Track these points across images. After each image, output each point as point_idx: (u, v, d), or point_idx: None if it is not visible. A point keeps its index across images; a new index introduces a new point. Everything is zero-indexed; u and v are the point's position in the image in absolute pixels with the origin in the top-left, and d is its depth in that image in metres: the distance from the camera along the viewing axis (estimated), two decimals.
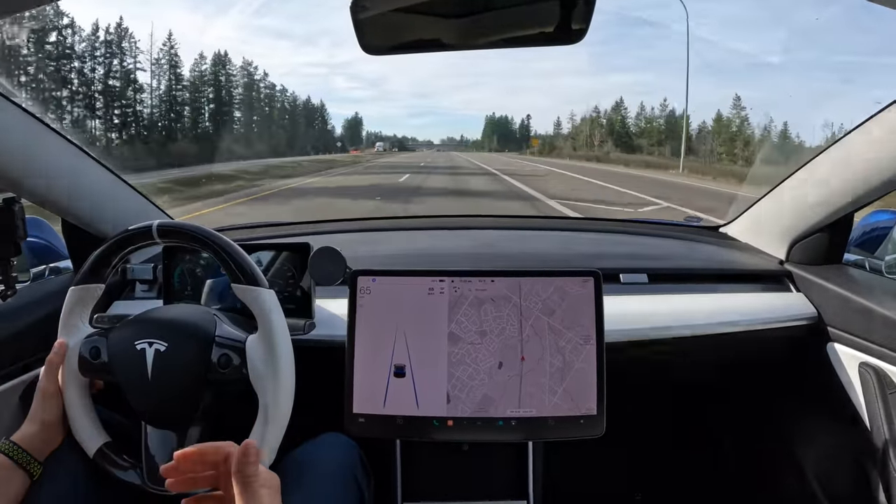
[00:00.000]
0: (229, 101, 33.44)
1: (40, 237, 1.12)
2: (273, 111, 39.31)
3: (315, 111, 47.86)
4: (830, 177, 0.92)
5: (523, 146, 56.54)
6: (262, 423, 0.64)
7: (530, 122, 65.40)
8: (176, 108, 30.02)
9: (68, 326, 0.69)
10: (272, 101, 39.13)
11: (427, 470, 0.93)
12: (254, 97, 36.57)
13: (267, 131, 37.38)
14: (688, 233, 1.29)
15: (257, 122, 36.81)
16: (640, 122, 37.05)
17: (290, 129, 41.42)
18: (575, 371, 0.77)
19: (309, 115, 45.96)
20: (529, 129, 63.10)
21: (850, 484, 0.92)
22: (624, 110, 38.57)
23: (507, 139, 64.57)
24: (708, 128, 29.14)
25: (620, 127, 37.63)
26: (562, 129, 47.79)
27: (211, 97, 32.27)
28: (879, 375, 0.84)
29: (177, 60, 29.82)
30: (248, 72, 36.08)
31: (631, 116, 38.03)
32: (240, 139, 33.26)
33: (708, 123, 29.05)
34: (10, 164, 0.77)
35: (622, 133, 37.39)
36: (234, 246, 0.68)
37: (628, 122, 37.86)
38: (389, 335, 0.78)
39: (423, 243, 1.30)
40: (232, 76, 34.15)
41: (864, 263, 1.02)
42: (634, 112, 37.73)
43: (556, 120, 54.56)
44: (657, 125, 35.35)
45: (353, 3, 0.62)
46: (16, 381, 0.82)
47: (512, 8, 0.65)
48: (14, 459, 0.62)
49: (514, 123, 66.93)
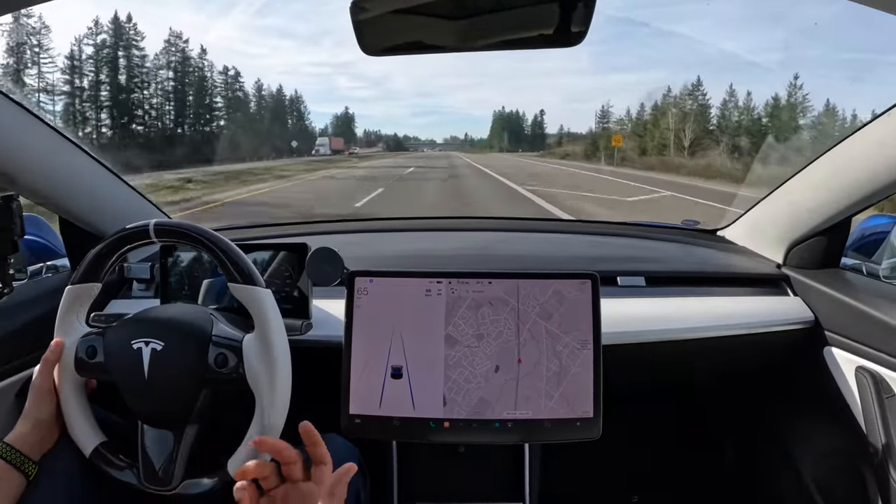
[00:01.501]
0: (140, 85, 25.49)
1: (38, 235, 1.12)
2: (221, 99, 31.52)
3: (286, 106, 40.93)
4: (828, 181, 0.93)
5: (537, 145, 50.86)
6: (258, 422, 0.64)
7: (544, 118, 59.42)
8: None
9: (65, 325, 0.69)
10: (204, 83, 29.75)
11: (424, 471, 0.93)
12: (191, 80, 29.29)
13: (215, 129, 30.00)
14: (685, 236, 1.29)
15: (194, 114, 28.94)
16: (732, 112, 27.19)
17: (251, 125, 34.84)
18: (572, 375, 0.77)
19: (278, 108, 39.33)
20: (543, 126, 57.68)
21: (846, 487, 0.92)
22: (702, 96, 28.45)
23: (518, 137, 58.87)
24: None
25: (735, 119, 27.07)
26: (608, 122, 38.26)
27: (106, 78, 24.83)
28: (876, 379, 0.84)
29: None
30: (176, 48, 28.09)
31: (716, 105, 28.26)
32: (174, 140, 25.91)
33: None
34: (8, 161, 0.77)
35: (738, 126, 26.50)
36: (232, 245, 0.68)
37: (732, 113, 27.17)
38: (386, 336, 0.78)
39: (420, 244, 1.30)
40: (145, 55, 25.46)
41: (862, 268, 1.02)
42: (719, 99, 28.07)
43: (600, 109, 40.69)
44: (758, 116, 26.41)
45: (352, 4, 0.62)
46: (11, 380, 0.82)
47: (511, 10, 0.65)
48: (8, 461, 0.62)
49: (526, 120, 60.86)
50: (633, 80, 79.80)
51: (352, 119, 62.71)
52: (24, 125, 0.78)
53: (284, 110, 41.07)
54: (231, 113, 33.49)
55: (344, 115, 62.55)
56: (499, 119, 62.41)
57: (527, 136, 57.97)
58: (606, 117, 39.49)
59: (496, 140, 60.23)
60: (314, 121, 56.83)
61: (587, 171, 18.64)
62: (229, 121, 32.78)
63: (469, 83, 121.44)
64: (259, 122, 36.04)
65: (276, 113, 39.06)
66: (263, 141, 33.50)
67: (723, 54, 53.22)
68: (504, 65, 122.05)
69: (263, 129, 34.96)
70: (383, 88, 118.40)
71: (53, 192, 0.89)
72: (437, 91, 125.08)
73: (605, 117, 39.63)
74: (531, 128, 58.92)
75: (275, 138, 35.26)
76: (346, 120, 61.48)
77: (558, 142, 46.31)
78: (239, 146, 30.95)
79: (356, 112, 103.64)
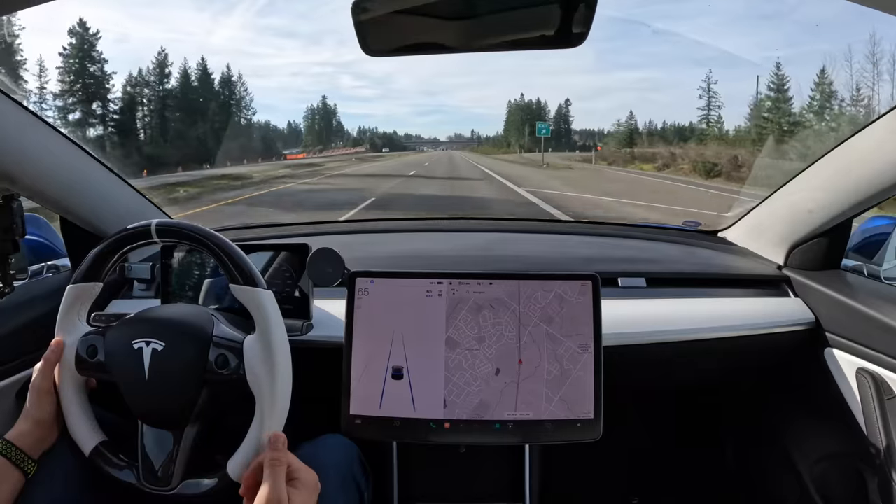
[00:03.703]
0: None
1: (39, 235, 1.12)
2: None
3: (221, 91, 29.43)
4: (829, 182, 0.93)
5: (564, 143, 39.90)
6: (258, 423, 0.64)
7: (570, 108, 45.01)
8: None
9: (66, 324, 0.69)
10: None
11: (424, 472, 0.93)
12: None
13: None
14: (686, 237, 1.29)
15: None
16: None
17: (176, 117, 26.73)
18: (572, 378, 0.77)
19: (204, 94, 28.53)
20: (569, 120, 43.93)
21: (847, 489, 0.92)
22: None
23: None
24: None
25: None
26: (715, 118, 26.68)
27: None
28: (877, 381, 0.84)
29: None
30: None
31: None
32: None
33: None
34: (8, 161, 0.77)
35: None
36: (233, 246, 0.68)
37: None
38: (387, 337, 0.78)
39: (421, 245, 1.30)
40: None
41: (863, 269, 1.02)
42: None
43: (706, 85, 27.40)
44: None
45: (353, 4, 0.62)
46: (12, 379, 0.82)
47: (512, 11, 0.65)
48: (8, 458, 0.62)
49: (549, 111, 45.56)
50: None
51: (333, 112, 46.36)
52: (24, 125, 0.78)
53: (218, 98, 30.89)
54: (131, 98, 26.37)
55: (322, 107, 45.87)
56: (516, 111, 47.62)
57: (557, 131, 44.14)
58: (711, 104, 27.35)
59: (514, 136, 45.43)
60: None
61: None
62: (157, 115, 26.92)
63: (474, 81, 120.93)
64: (188, 112, 27.81)
65: (202, 101, 29.33)
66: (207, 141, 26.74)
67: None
68: (512, 62, 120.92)
69: (189, 124, 27.16)
70: (386, 87, 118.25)
71: (54, 192, 0.89)
72: (440, 90, 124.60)
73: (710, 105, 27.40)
74: (553, 122, 44.56)
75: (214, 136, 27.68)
76: (326, 114, 45.73)
77: (633, 142, 31.17)
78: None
79: (354, 110, 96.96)
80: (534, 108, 46.59)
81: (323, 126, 44.96)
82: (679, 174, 18.53)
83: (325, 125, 45.06)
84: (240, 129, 31.17)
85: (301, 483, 0.58)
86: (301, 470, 0.59)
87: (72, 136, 0.88)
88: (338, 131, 47.24)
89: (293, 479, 0.58)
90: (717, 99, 28.35)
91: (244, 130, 31.78)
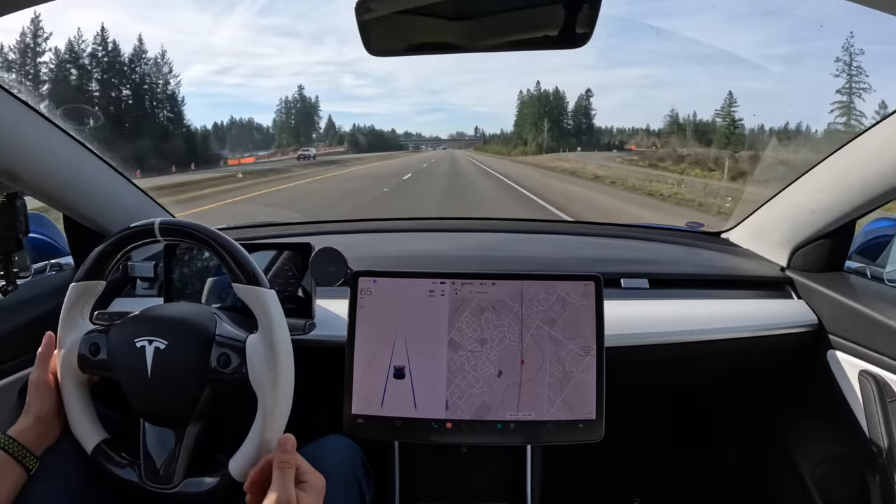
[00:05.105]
0: None
1: (42, 233, 1.12)
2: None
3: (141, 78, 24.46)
4: (832, 184, 0.92)
5: (588, 141, 34.38)
6: (260, 422, 0.64)
7: (591, 100, 39.84)
8: None
9: (68, 322, 0.69)
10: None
11: (426, 472, 0.93)
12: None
13: None
14: (689, 238, 1.29)
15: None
16: None
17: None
18: (574, 381, 0.77)
19: (115, 80, 23.91)
20: (590, 114, 38.58)
21: (848, 492, 0.92)
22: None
23: (560, 128, 38.66)
24: None
25: None
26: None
27: None
28: (879, 383, 0.84)
29: None
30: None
31: None
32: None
33: None
34: (12, 159, 0.77)
35: None
36: (236, 245, 0.68)
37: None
38: (389, 336, 0.78)
39: (423, 245, 1.30)
40: None
41: (866, 271, 1.01)
42: None
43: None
44: None
45: (357, 4, 0.62)
46: (15, 377, 0.82)
47: (516, 11, 0.65)
48: (10, 453, 0.62)
49: (568, 102, 40.09)
50: None
51: (314, 106, 39.61)
52: (28, 123, 0.78)
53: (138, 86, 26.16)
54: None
55: (299, 99, 39.49)
56: (529, 103, 41.20)
57: (569, 127, 39.02)
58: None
59: (530, 132, 38.87)
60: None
61: None
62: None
63: (474, 79, 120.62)
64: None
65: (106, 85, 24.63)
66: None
67: None
68: (515, 60, 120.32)
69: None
70: (388, 86, 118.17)
71: (58, 190, 0.89)
72: (441, 88, 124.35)
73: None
74: (572, 117, 39.04)
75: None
76: (305, 110, 39.14)
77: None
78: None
79: (354, 109, 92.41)
80: (551, 100, 40.84)
81: (300, 122, 39.09)
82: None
83: (305, 121, 38.72)
84: (158, 127, 25.93)
85: (310, 486, 0.58)
86: (309, 473, 0.59)
87: (76, 135, 0.88)
88: (329, 128, 41.51)
89: (302, 482, 0.58)
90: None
91: (161, 127, 26.17)
